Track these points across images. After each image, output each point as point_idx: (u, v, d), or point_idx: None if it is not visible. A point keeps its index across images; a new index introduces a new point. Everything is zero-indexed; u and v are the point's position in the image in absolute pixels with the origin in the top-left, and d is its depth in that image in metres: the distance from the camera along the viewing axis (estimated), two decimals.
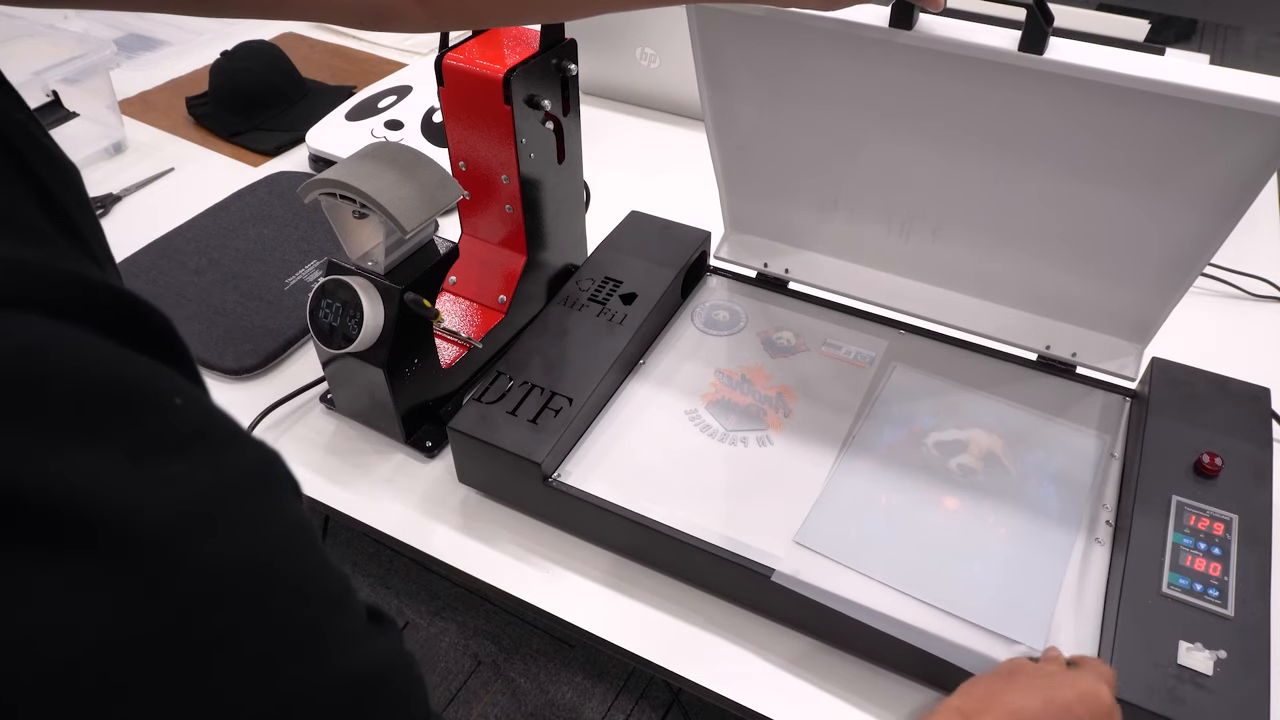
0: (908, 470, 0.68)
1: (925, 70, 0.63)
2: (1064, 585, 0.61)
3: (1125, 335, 0.73)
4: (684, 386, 0.76)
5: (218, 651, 0.22)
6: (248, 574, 0.23)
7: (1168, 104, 0.56)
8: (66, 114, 1.11)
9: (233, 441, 0.25)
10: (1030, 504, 0.66)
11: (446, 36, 0.75)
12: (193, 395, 0.25)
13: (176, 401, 0.24)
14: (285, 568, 0.25)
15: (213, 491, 0.23)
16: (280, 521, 0.25)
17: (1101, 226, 0.67)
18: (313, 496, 0.75)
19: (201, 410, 0.25)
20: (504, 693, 1.37)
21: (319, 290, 0.71)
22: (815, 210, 0.79)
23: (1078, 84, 0.58)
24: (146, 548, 0.21)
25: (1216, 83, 0.54)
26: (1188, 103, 0.55)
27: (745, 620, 0.66)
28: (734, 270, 0.87)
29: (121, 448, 0.22)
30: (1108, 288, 0.71)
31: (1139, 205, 0.64)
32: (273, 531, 0.25)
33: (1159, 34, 1.59)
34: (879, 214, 0.76)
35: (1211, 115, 0.56)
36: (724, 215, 0.85)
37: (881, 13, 0.61)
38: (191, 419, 0.24)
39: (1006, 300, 0.76)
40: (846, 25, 0.62)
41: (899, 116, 0.68)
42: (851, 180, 0.75)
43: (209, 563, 0.22)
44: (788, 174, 0.77)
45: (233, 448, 0.25)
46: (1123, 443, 0.71)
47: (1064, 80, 0.58)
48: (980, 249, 0.73)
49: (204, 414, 0.25)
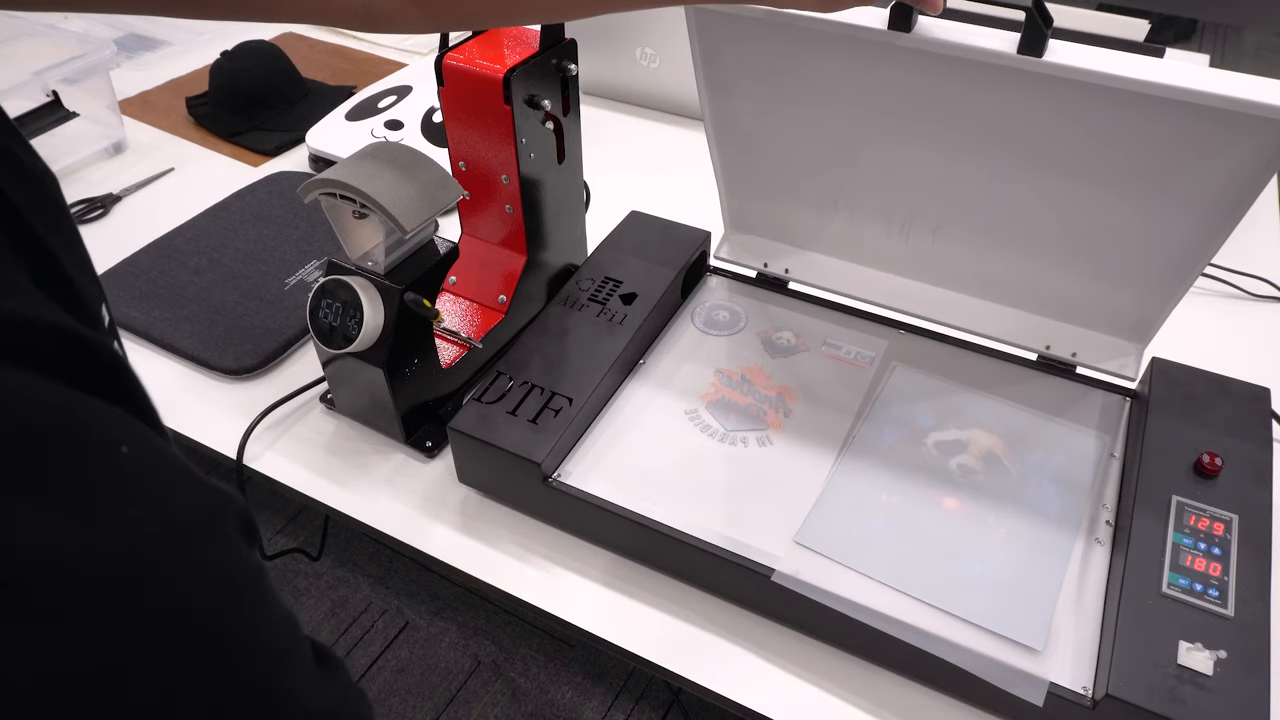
0: (908, 470, 0.68)
1: (924, 72, 0.63)
2: (1064, 585, 0.61)
3: (1125, 335, 0.73)
4: (684, 386, 0.76)
5: (156, 715, 0.21)
6: (187, 631, 0.22)
7: (1167, 107, 0.56)
8: (66, 114, 1.11)
9: (179, 489, 0.24)
10: (1030, 504, 0.66)
11: (446, 36, 0.75)
12: (140, 439, 0.24)
13: (123, 449, 0.23)
14: (228, 624, 0.24)
15: (153, 543, 0.22)
16: (225, 572, 0.24)
17: (1101, 228, 0.67)
18: (313, 496, 0.75)
19: (148, 455, 0.24)
20: (504, 693, 1.37)
21: (319, 290, 0.71)
22: (815, 210, 0.79)
23: (1077, 86, 0.58)
24: (80, 605, 0.20)
25: (1215, 85, 0.54)
26: (1187, 105, 0.55)
27: (745, 620, 0.66)
28: (734, 270, 0.87)
29: (57, 496, 0.21)
30: (1107, 288, 0.71)
31: (1139, 207, 0.64)
32: (216, 585, 0.24)
33: (1159, 34, 1.59)
34: (879, 214, 0.76)
35: (1211, 118, 0.56)
36: (724, 215, 0.85)
37: (880, 15, 0.61)
38: (136, 465, 0.23)
39: (1006, 300, 0.76)
40: (845, 28, 0.62)
41: (899, 118, 0.68)
42: (851, 181, 0.75)
43: (147, 620, 0.21)
44: (788, 174, 0.77)
45: (179, 496, 0.24)
46: (1123, 443, 0.71)
47: (1063, 83, 0.58)
48: (980, 249, 0.73)
49: (151, 459, 0.24)
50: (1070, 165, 0.64)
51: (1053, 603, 0.60)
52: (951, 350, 0.78)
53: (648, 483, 0.68)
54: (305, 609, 1.48)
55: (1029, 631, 0.58)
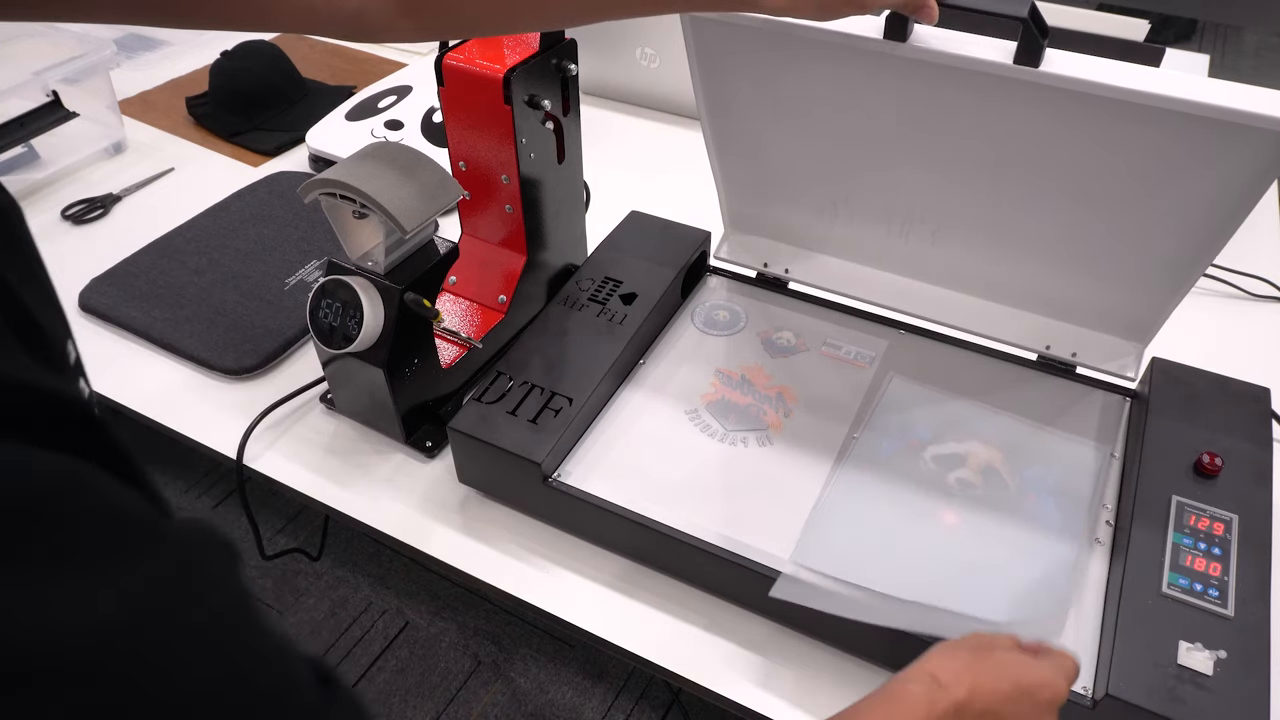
0: (906, 485, 0.67)
1: (922, 80, 0.63)
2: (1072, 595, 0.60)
3: (1125, 335, 0.73)
4: (684, 386, 0.76)
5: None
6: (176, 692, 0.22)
7: (1164, 117, 0.56)
8: (66, 114, 1.11)
9: (159, 542, 0.23)
10: (1030, 518, 0.65)
11: None
12: (109, 497, 0.23)
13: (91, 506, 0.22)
14: (220, 674, 0.23)
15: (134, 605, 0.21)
16: (213, 619, 0.24)
17: (1100, 233, 0.67)
18: (313, 496, 0.75)
19: (119, 515, 0.23)
20: (504, 693, 1.37)
21: (319, 290, 0.71)
22: (814, 213, 0.79)
23: (1074, 96, 0.58)
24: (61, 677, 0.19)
25: (1213, 96, 0.54)
26: (1185, 115, 0.55)
27: (745, 620, 0.66)
28: (734, 270, 0.87)
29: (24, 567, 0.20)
30: (1107, 290, 0.71)
31: (1137, 212, 0.64)
32: (202, 635, 0.23)
33: (1159, 34, 1.59)
34: (878, 217, 0.76)
35: (1208, 128, 0.56)
36: (723, 216, 0.85)
37: (876, 24, 0.61)
38: (109, 525, 0.22)
39: (1007, 300, 0.76)
40: (841, 36, 0.62)
41: (896, 124, 0.67)
42: (850, 185, 0.75)
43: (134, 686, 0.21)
44: (786, 178, 0.77)
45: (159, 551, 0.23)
46: (1123, 443, 0.71)
47: (1060, 92, 0.58)
48: (980, 251, 0.73)
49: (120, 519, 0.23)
50: (1068, 172, 0.64)
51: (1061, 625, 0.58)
52: (951, 350, 0.78)
53: (647, 483, 0.68)
54: (305, 609, 1.48)
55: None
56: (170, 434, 0.81)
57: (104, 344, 0.89)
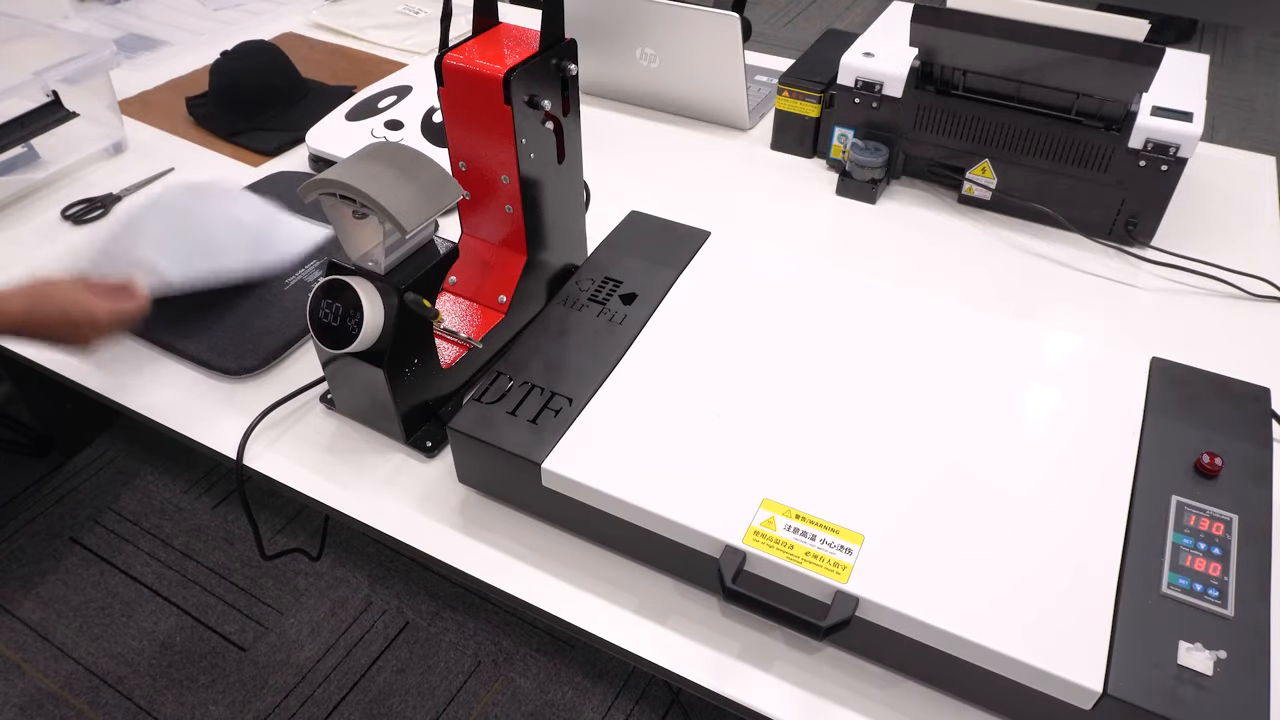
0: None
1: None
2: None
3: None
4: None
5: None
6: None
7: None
8: (66, 114, 1.12)
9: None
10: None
11: (447, 36, 0.75)
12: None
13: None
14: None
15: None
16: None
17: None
18: (313, 496, 0.75)
19: None
20: (504, 693, 1.37)
21: (319, 290, 0.71)
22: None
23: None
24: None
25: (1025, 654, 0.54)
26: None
27: (745, 620, 0.66)
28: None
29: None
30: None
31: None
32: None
33: (1159, 34, 1.59)
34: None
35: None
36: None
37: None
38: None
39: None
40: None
41: None
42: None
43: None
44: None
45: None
46: None
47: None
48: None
49: None
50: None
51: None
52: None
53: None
54: (305, 609, 1.48)
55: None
56: (170, 434, 0.81)
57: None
